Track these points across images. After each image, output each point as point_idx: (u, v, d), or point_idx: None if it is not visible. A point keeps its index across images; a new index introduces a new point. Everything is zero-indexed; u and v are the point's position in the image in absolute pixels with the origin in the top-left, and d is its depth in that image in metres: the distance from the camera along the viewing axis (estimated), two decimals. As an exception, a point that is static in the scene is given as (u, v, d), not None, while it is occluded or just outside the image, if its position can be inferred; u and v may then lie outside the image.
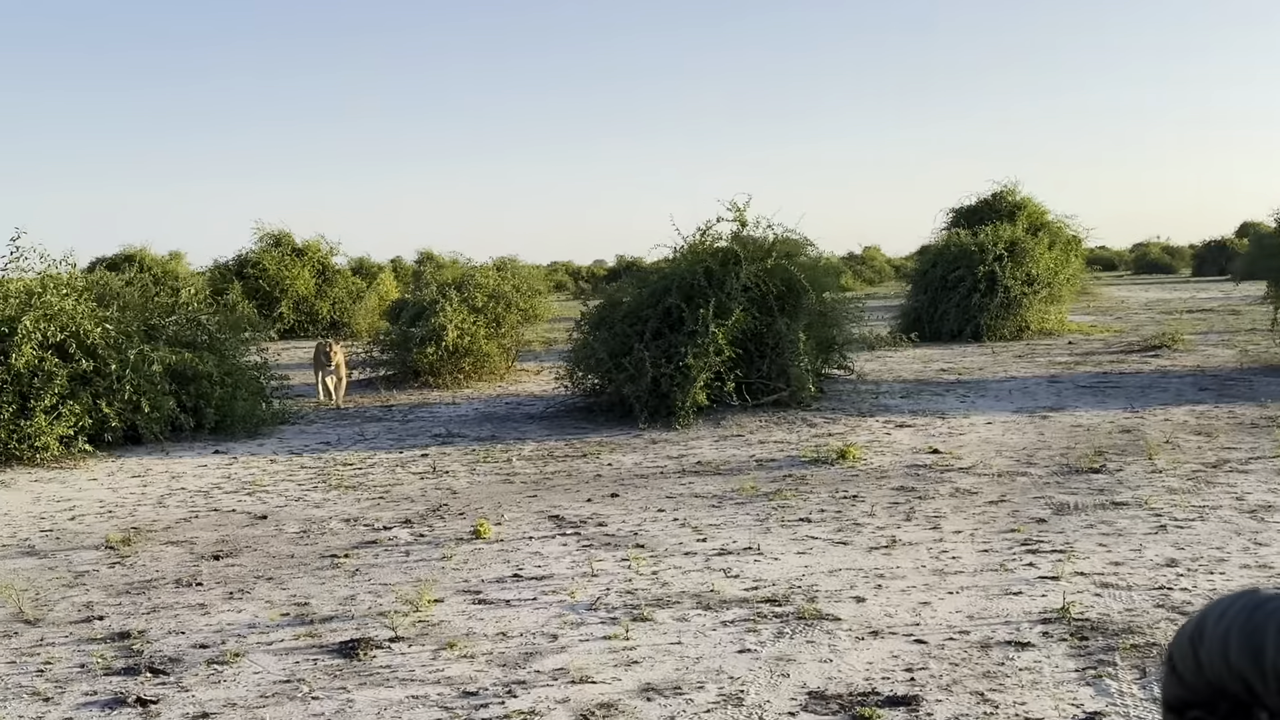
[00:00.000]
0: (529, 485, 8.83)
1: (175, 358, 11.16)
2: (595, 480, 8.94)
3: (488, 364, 16.57)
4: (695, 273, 12.19)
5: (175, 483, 9.29)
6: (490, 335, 16.68)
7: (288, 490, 8.88)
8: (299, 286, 26.85)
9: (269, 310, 26.72)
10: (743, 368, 12.03)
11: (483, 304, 16.91)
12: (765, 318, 12.20)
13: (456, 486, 8.87)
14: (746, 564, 6.25)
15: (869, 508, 7.58)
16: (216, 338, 12.56)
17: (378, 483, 9.10)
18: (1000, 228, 22.33)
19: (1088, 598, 5.41)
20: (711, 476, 8.92)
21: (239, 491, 8.87)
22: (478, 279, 17.49)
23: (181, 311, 12.55)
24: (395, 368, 16.64)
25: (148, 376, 10.79)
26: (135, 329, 11.33)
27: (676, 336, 11.76)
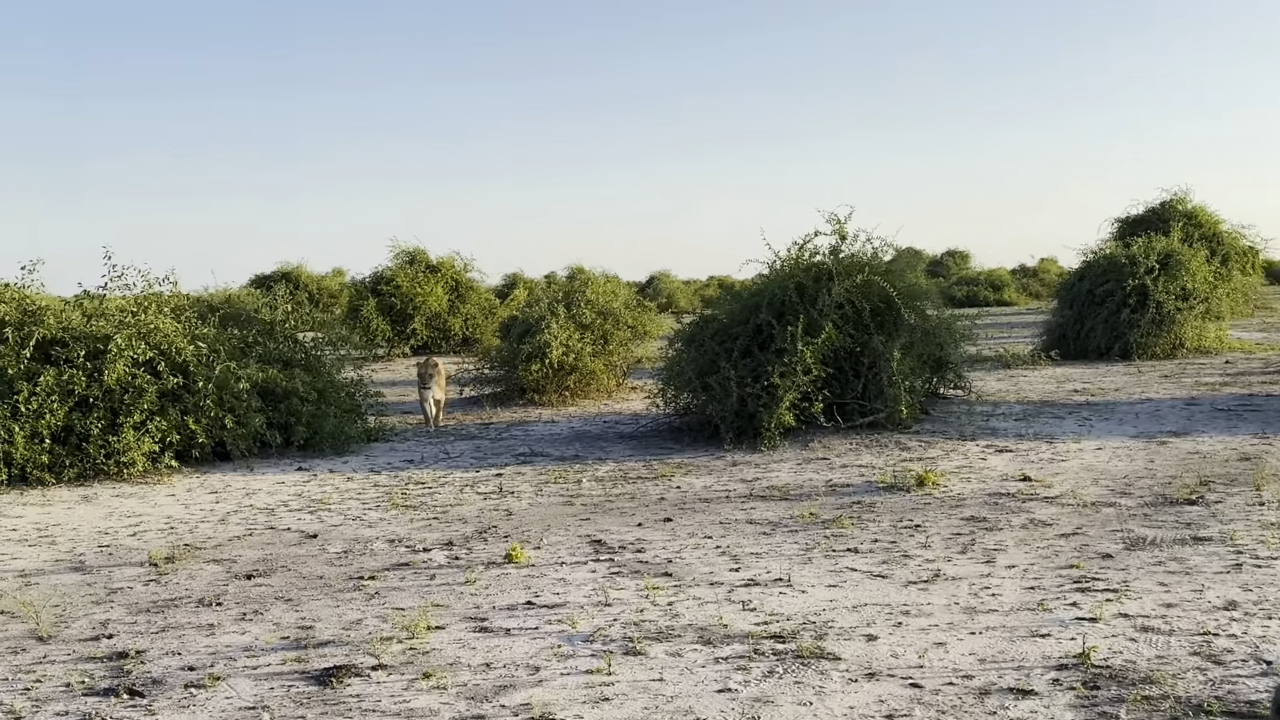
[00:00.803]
0: (588, 508, 8.80)
1: (263, 375, 11.53)
2: (656, 504, 8.86)
3: (594, 382, 16.65)
4: (787, 289, 11.98)
5: (247, 500, 9.61)
6: (597, 352, 16.77)
7: (348, 509, 9.08)
8: (432, 303, 27.54)
9: (402, 326, 27.60)
10: (835, 388, 11.76)
11: (590, 320, 17.03)
12: (861, 335, 11.89)
13: (516, 508, 8.91)
14: (769, 596, 6.06)
15: (926, 539, 7.27)
16: (313, 355, 12.99)
17: (440, 503, 9.22)
18: (1153, 239, 21.23)
19: (1120, 642, 5.03)
20: (777, 502, 8.73)
21: (302, 510, 9.11)
22: (587, 295, 17.63)
23: (280, 329, 13.02)
24: (502, 385, 16.89)
25: (234, 393, 11.19)
26: (226, 346, 11.78)
27: (765, 355, 11.58)
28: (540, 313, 16.95)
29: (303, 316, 15.21)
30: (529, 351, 16.01)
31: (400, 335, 27.61)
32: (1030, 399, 14.63)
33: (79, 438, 10.47)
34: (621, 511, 8.59)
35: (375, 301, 27.19)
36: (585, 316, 16.94)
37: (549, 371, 15.93)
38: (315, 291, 41.90)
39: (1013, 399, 14.67)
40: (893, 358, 11.56)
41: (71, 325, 11.18)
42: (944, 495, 8.72)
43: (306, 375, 12.23)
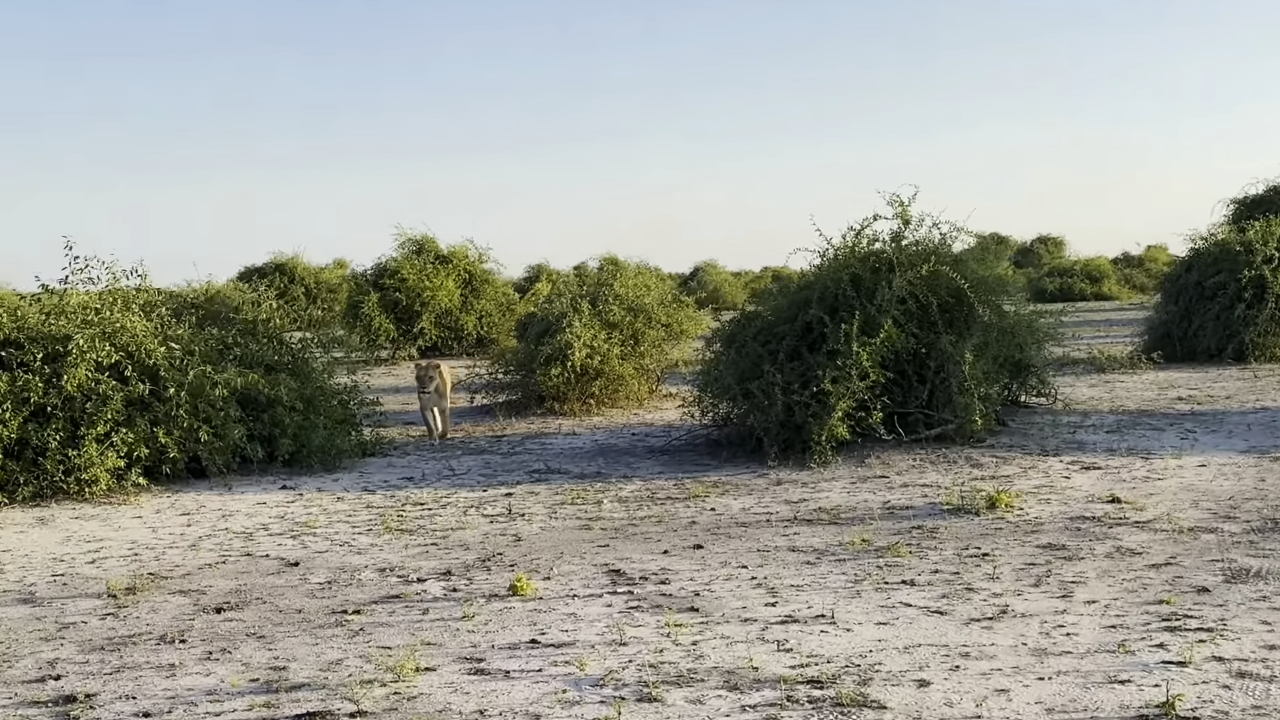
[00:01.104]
0: (607, 533, 8.80)
1: (243, 381, 11.63)
2: (686, 528, 8.85)
3: (622, 388, 16.68)
4: (841, 281, 11.94)
5: (223, 522, 9.69)
6: (627, 354, 16.80)
7: (336, 533, 9.13)
8: (442, 298, 27.68)
9: (409, 325, 27.77)
10: (896, 395, 11.71)
11: (619, 318, 17.05)
12: (927, 335, 11.82)
13: (525, 532, 8.93)
14: (809, 635, 6.03)
15: (994, 569, 7.21)
16: (300, 358, 13.08)
17: (440, 526, 9.25)
18: (1273, 222, 20.88)
19: (1212, 690, 4.96)
20: (825, 526, 8.70)
21: (284, 534, 9.17)
22: (615, 288, 17.65)
23: (264, 329, 13.13)
24: (518, 392, 16.95)
25: (210, 401, 11.29)
26: (201, 348, 11.89)
27: (816, 357, 11.54)
28: (561, 309, 17.00)
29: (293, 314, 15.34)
30: (548, 354, 16.05)
31: (406, 335, 27.80)
32: (1126, 408, 14.48)
33: (35, 452, 10.60)
34: (646, 537, 8.59)
35: (378, 297, 27.38)
36: (613, 313, 16.96)
37: (571, 376, 15.97)
38: (312, 285, 42.30)
39: (1105, 408, 14.53)
40: (964, 360, 11.48)
41: (27, 324, 11.33)
42: (1018, 519, 8.65)
43: (293, 381, 12.33)
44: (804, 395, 11.24)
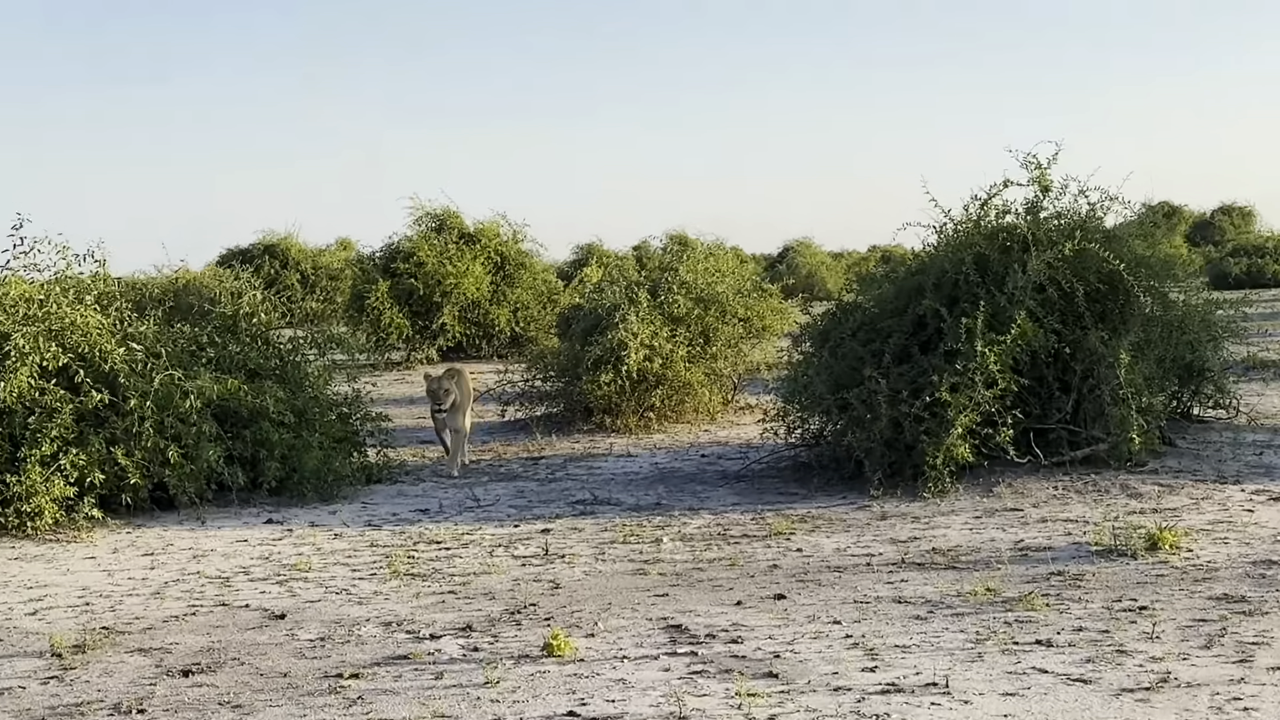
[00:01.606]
0: (667, 579, 8.83)
1: (220, 389, 11.77)
2: (766, 573, 8.87)
3: (690, 398, 16.72)
4: (962, 263, 11.89)
5: (194, 564, 9.82)
6: (695, 356, 16.84)
7: (333, 578, 9.22)
8: (468, 287, 27.85)
9: (426, 320, 27.97)
10: (1033, 407, 11.65)
11: (685, 310, 17.08)
12: (1072, 330, 11.74)
13: (565, 578, 8.97)
14: (917, 708, 6.02)
15: (1154, 627, 7.15)
16: (291, 361, 13.24)
17: (461, 570, 9.32)
18: None
19: None
20: (941, 572, 8.68)
21: (268, 579, 9.28)
22: (681, 273, 17.68)
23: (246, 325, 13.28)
24: (560, 403, 17.04)
25: (180, 414, 11.44)
26: (170, 349, 12.04)
27: (930, 359, 11.51)
28: (614, 300, 17.04)
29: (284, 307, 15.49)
30: (597, 356, 16.11)
31: (423, 333, 28.04)
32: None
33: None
34: (715, 584, 8.60)
35: (388, 285, 27.60)
36: (678, 305, 16.99)
37: (625, 384, 16.02)
38: (309, 271, 42.80)
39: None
40: (1119, 362, 11.38)
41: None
42: (1186, 563, 8.57)
43: (282, 390, 12.46)
44: (915, 407, 11.19)
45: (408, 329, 27.71)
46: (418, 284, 27.66)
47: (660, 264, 19.30)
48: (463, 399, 14.21)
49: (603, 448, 15.12)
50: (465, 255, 28.30)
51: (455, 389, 13.97)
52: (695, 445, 15.03)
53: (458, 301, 27.89)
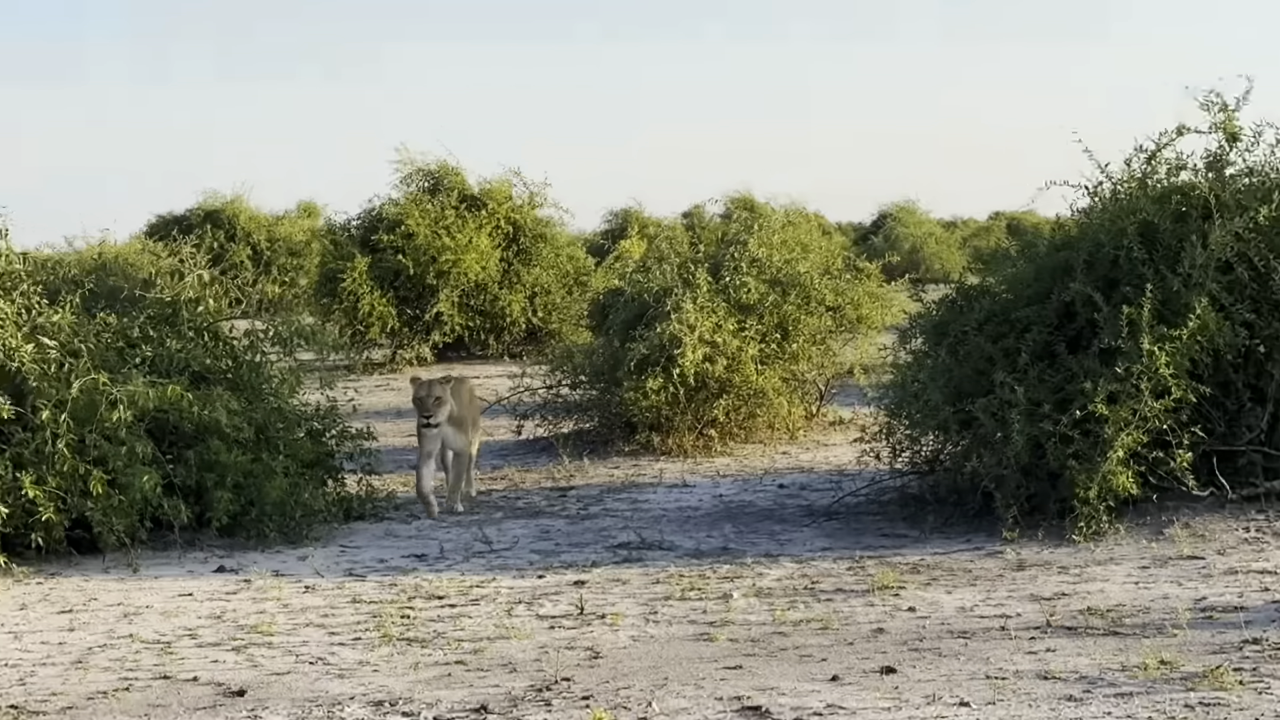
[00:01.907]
0: (739, 646, 8.81)
1: (157, 397, 11.76)
2: (869, 639, 8.85)
3: (763, 410, 16.66)
4: (1122, 234, 11.83)
5: (125, 625, 9.84)
6: (770, 356, 16.79)
7: (306, 644, 9.23)
8: (471, 265, 27.84)
9: (418, 309, 27.98)
10: (1217, 422, 11.56)
11: (758, 297, 17.02)
12: (1268, 324, 11.67)
13: (607, 644, 8.96)
14: (1073, 819, 5.99)
15: (1382, 712, 7.09)
16: (247, 362, 13.24)
17: (471, 634, 9.32)
18: None
19: None
20: (1098, 639, 8.65)
21: (222, 644, 9.29)
22: (751, 248, 17.62)
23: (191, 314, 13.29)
24: (594, 417, 17.02)
25: (106, 430, 11.46)
26: (93, 344, 12.05)
27: (1081, 360, 11.48)
28: (662, 282, 17.00)
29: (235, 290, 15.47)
30: (642, 355, 16.06)
31: (414, 325, 28.05)
32: None
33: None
34: (802, 654, 8.59)
35: (368, 262, 27.59)
36: (748, 290, 16.93)
37: (679, 392, 15.96)
38: (263, 245, 42.96)
39: None
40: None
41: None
42: None
43: (235, 399, 12.46)
44: (1061, 423, 11.14)
45: (393, 320, 27.71)
46: (406, 261, 27.62)
47: (723, 235, 19.19)
48: (464, 412, 14.09)
49: (650, 475, 15.13)
50: (468, 224, 28.28)
51: (451, 398, 13.73)
52: (771, 472, 15.05)
53: (458, 284, 27.88)
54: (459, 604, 10.16)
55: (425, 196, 28.87)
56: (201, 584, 10.97)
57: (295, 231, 43.93)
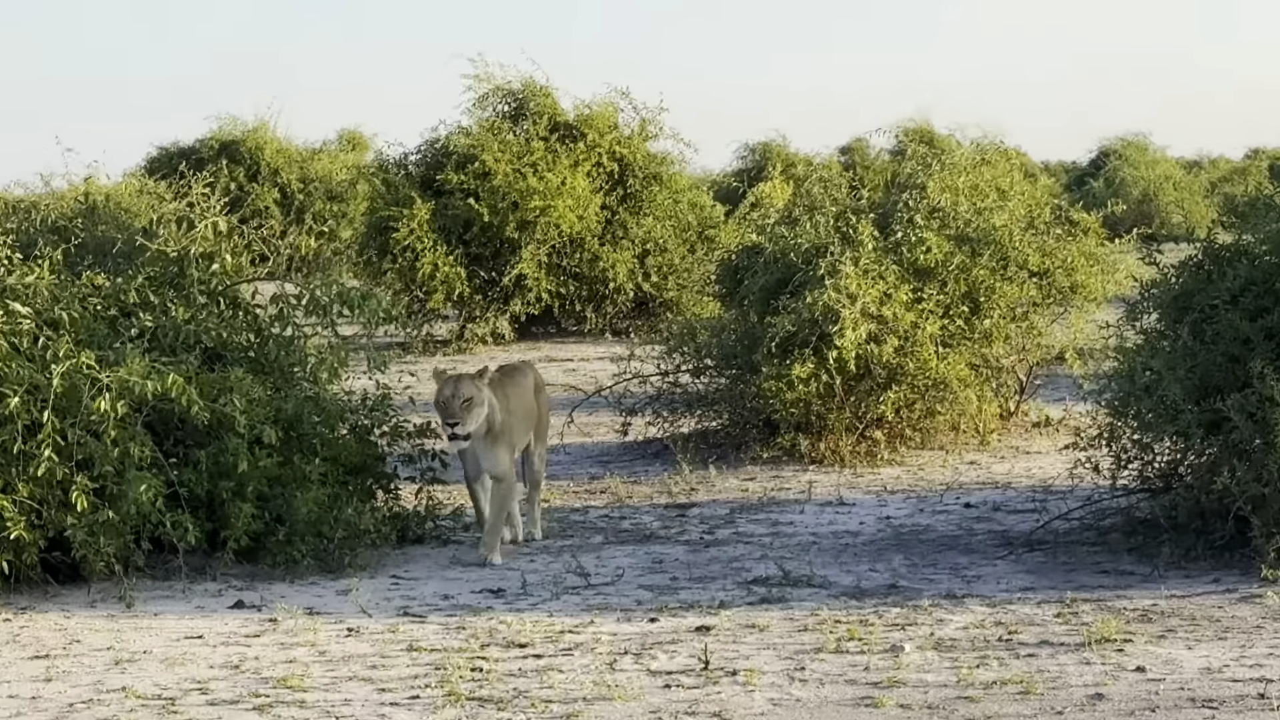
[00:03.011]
0: (911, 714, 8.80)
1: (160, 384, 11.80)
2: (1085, 708, 8.83)
3: (945, 406, 16.60)
4: None
5: (117, 674, 9.89)
6: (956, 335, 16.72)
7: (348, 702, 9.26)
8: (562, 215, 27.85)
9: (495, 269, 28.03)
10: None
11: (939, 258, 16.95)
12: None
13: (739, 709, 8.96)
14: None
15: None
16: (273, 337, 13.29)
17: (562, 694, 9.32)
18: None
19: None
20: (1394, 713, 8.56)
21: (241, 701, 9.33)
22: (930, 194, 17.54)
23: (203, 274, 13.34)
24: (723, 413, 17.00)
25: (90, 424, 11.52)
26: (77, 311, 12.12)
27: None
28: (814, 237, 16.97)
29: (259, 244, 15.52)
30: (787, 332, 16.03)
31: (489, 291, 28.10)
32: None
33: None
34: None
35: (430, 209, 27.64)
36: (926, 249, 16.86)
37: (835, 382, 15.94)
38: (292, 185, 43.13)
39: None
40: None
41: None
42: None
43: (259, 385, 12.51)
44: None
45: (462, 284, 27.79)
46: (480, 208, 27.75)
47: (893, 177, 19.12)
48: (510, 421, 13.30)
49: (796, 489, 15.14)
50: (560, 160, 28.36)
51: (487, 399, 13.00)
52: (954, 487, 15.05)
53: (546, 238, 27.95)
54: (546, 654, 10.16)
55: (505, 124, 28.97)
56: (214, 623, 11.03)
57: (335, 169, 44.12)
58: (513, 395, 13.52)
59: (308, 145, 46.04)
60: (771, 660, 9.88)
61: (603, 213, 28.40)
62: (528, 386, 13.97)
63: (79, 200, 16.23)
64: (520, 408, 13.58)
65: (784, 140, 44.42)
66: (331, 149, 47.45)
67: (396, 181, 29.09)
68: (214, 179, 21.24)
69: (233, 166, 41.76)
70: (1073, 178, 55.95)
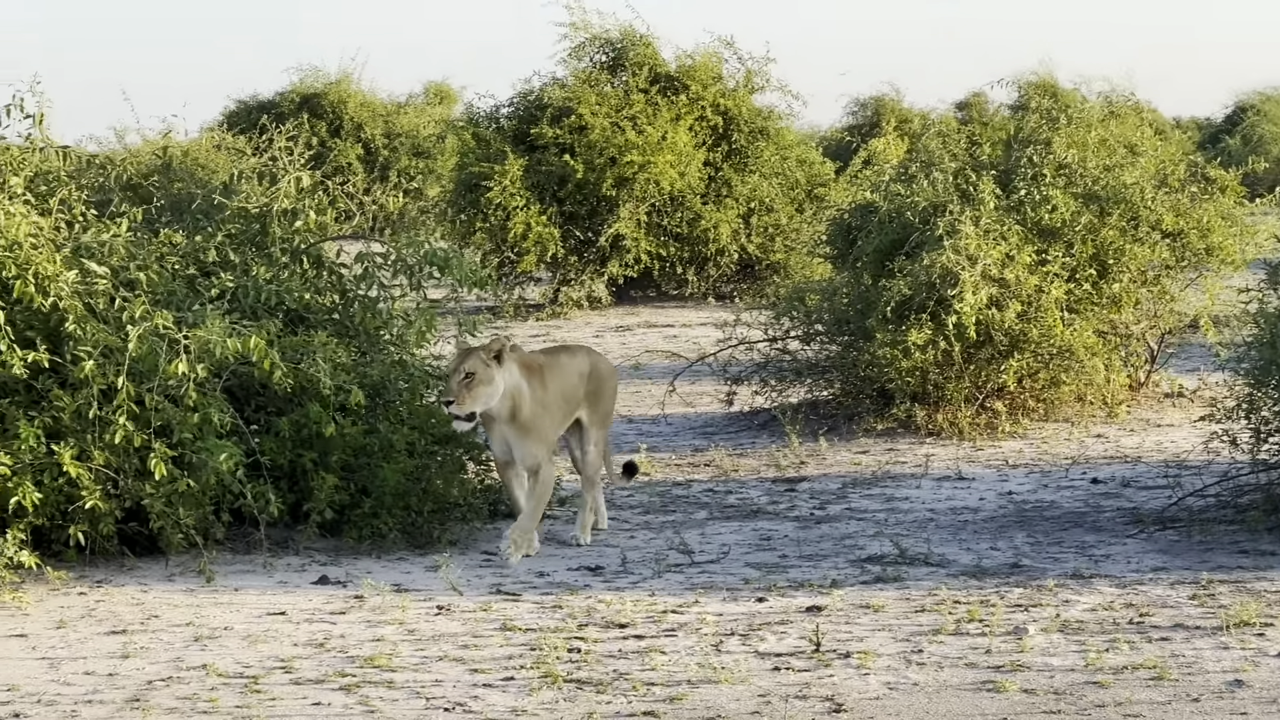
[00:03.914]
0: (1035, 700, 8.79)
1: (240, 347, 11.77)
2: (1223, 695, 8.82)
3: (1070, 376, 16.52)
4: None
5: (197, 651, 9.96)
6: (1083, 300, 16.64)
7: (439, 683, 9.29)
8: (663, 171, 27.80)
9: (591, 229, 28.02)
10: None
11: (1065, 218, 16.87)
12: None
13: (853, 693, 8.96)
14: None
15: None
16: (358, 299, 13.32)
17: (664, 676, 9.33)
18: None
19: None
20: None
21: (326, 680, 9.37)
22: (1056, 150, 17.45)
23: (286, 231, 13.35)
24: (834, 383, 16.98)
25: (168, 389, 11.58)
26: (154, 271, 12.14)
27: None
28: (930, 195, 16.90)
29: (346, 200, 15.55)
30: (902, 296, 15.98)
31: (584, 252, 28.11)
32: None
33: None
34: (1126, 713, 8.58)
35: (522, 165, 27.64)
36: (1051, 209, 16.77)
37: (954, 349, 15.88)
38: (378, 141, 43.19)
39: None
40: None
41: None
42: None
43: (344, 350, 12.52)
44: None
45: (556, 245, 27.77)
46: (575, 164, 27.72)
47: (1015, 132, 19.02)
48: (538, 410, 12.60)
49: (912, 462, 15.17)
50: (661, 114, 28.30)
51: (500, 380, 12.21)
52: (1080, 461, 15.00)
53: (646, 197, 27.91)
54: (648, 635, 10.18)
55: (603, 75, 28.94)
56: (297, 599, 11.10)
57: (422, 123, 44.13)
58: (550, 379, 12.78)
59: (393, 98, 46.06)
60: (887, 642, 9.88)
61: (705, 169, 28.30)
62: (573, 371, 13.12)
63: (155, 156, 16.26)
64: (558, 395, 12.84)
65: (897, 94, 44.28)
66: (418, 102, 47.39)
67: (487, 136, 29.01)
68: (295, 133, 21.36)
69: (314, 121, 41.76)
70: (1206, 135, 55.48)
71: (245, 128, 32.56)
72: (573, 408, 13.04)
